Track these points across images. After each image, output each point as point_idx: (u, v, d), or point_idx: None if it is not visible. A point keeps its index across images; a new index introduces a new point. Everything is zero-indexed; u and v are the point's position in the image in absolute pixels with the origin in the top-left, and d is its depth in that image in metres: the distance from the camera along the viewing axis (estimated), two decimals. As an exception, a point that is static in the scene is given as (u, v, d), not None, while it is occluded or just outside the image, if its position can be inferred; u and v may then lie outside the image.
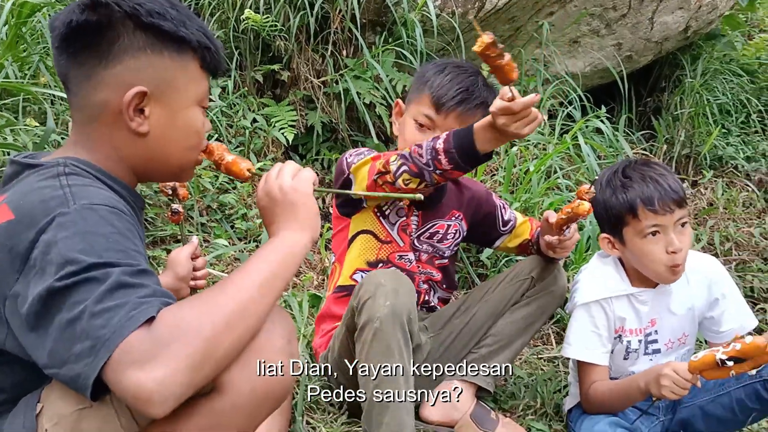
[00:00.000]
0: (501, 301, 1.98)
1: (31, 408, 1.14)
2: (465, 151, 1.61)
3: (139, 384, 0.98)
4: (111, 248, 1.06)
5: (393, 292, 1.60)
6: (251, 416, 1.16)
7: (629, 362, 1.95)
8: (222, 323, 1.05)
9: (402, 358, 1.60)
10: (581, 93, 3.33)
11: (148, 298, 1.03)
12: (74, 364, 1.00)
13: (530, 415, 2.07)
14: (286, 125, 2.95)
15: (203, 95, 1.28)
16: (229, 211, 2.74)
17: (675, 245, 1.80)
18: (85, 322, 1.00)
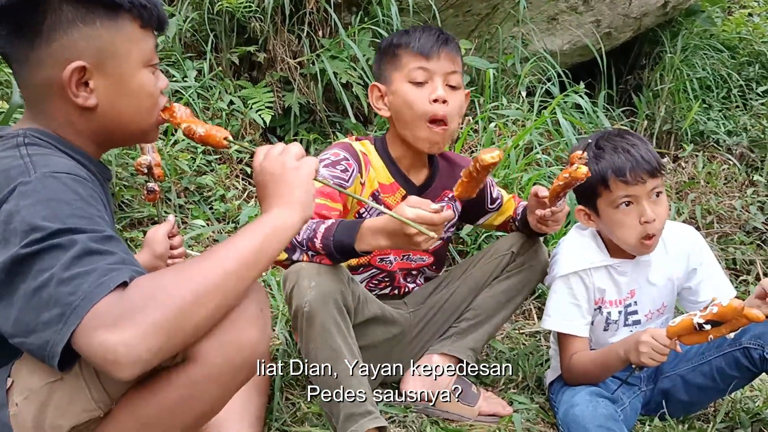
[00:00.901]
0: (482, 277, 1.97)
1: (2, 383, 1.13)
2: (342, 242, 1.52)
3: (107, 346, 0.97)
4: (75, 215, 1.04)
5: (316, 273, 1.56)
6: (224, 387, 1.15)
7: (609, 333, 1.95)
8: (198, 293, 1.03)
9: (341, 332, 1.57)
10: (560, 70, 3.32)
11: (118, 265, 1.02)
12: (42, 332, 0.99)
13: (512, 388, 2.07)
14: (263, 107, 2.92)
15: (149, 55, 1.24)
16: (207, 193, 2.71)
17: (648, 215, 1.79)
18: (53, 289, 0.99)
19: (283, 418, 1.72)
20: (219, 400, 1.17)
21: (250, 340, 1.13)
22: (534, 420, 1.92)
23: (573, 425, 1.72)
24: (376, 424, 1.55)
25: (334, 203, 1.68)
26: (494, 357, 2.22)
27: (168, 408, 1.12)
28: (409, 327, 1.95)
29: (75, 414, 1.10)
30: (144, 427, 1.13)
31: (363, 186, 1.82)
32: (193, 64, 3.02)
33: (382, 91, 1.86)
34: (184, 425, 1.16)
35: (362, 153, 1.84)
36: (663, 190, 1.85)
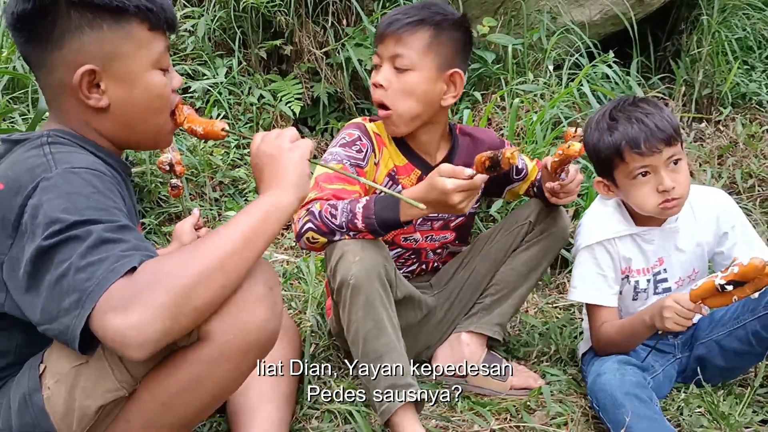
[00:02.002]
0: (501, 250, 1.96)
1: (35, 369, 1.21)
2: (385, 219, 1.59)
3: (118, 328, 1.03)
4: (92, 207, 1.11)
5: (360, 248, 1.60)
6: (237, 364, 1.20)
7: (639, 303, 1.94)
8: (201, 274, 1.09)
9: (384, 305, 1.60)
10: (588, 41, 3.27)
11: (130, 252, 1.08)
12: (64, 317, 1.06)
13: (545, 361, 2.08)
14: (292, 98, 2.99)
15: (158, 57, 1.29)
16: (241, 186, 2.79)
17: (666, 184, 1.76)
18: (71, 277, 1.06)
19: (314, 397, 1.77)
20: (234, 377, 1.23)
21: (259, 318, 1.18)
22: (566, 392, 1.93)
23: (600, 393, 1.72)
24: (415, 396, 1.57)
25: (352, 186, 1.71)
26: (526, 332, 2.23)
27: (185, 386, 1.18)
28: (435, 309, 1.97)
29: (101, 394, 1.17)
30: (165, 404, 1.20)
31: (377, 166, 1.83)
32: (223, 62, 3.10)
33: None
34: (203, 402, 1.22)
35: (375, 133, 1.84)
36: (683, 156, 1.82)
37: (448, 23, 1.80)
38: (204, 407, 1.25)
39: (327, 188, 1.68)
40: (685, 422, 1.78)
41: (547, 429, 1.74)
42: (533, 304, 2.40)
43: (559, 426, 1.77)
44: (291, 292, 2.24)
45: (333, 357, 1.95)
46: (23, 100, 2.50)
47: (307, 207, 1.64)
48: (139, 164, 2.48)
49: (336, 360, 1.94)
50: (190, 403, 1.21)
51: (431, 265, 2.01)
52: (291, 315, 2.10)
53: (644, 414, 1.63)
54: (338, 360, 1.94)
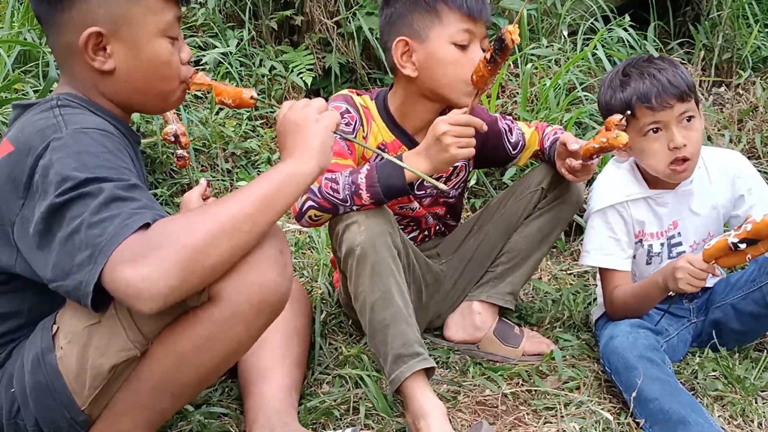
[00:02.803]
0: (513, 216, 1.93)
1: (48, 329, 1.23)
2: (392, 184, 1.57)
3: (129, 280, 1.05)
4: (102, 165, 1.13)
5: (365, 217, 1.58)
6: (248, 325, 1.22)
7: (653, 267, 1.91)
8: (214, 233, 1.10)
9: (392, 273, 1.58)
10: (604, 5, 3.21)
11: (142, 209, 1.10)
12: (76, 273, 1.08)
13: (558, 327, 2.07)
14: (304, 69, 2.97)
15: (166, 25, 1.29)
16: (254, 157, 2.79)
17: (677, 140, 1.73)
18: (83, 233, 1.07)
19: (325, 362, 1.78)
20: (245, 338, 1.24)
21: (270, 280, 1.19)
22: (578, 356, 1.92)
23: (612, 356, 1.71)
24: (425, 365, 1.55)
25: (344, 160, 1.68)
26: (540, 298, 2.21)
27: (197, 345, 1.20)
28: (444, 277, 1.94)
29: (114, 353, 1.19)
30: (177, 364, 1.21)
31: (365, 139, 1.77)
32: (234, 33, 3.09)
33: (411, 46, 1.71)
34: (214, 362, 1.24)
35: (362, 106, 1.78)
36: (697, 115, 1.78)
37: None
38: (215, 367, 1.26)
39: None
40: (699, 386, 1.77)
41: (559, 393, 1.74)
42: (547, 270, 2.39)
43: (572, 390, 1.76)
44: (303, 261, 2.24)
45: (344, 323, 1.95)
46: (34, 73, 2.51)
47: None
48: (150, 135, 2.48)
49: (346, 326, 1.95)
50: (202, 363, 1.23)
51: (433, 230, 1.98)
52: (303, 283, 2.10)
53: (656, 376, 1.62)
54: (348, 326, 1.95)
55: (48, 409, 1.22)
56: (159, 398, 1.25)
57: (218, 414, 1.59)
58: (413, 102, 1.79)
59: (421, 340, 1.60)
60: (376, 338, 1.59)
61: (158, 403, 1.26)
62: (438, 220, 1.98)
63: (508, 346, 1.91)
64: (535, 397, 1.73)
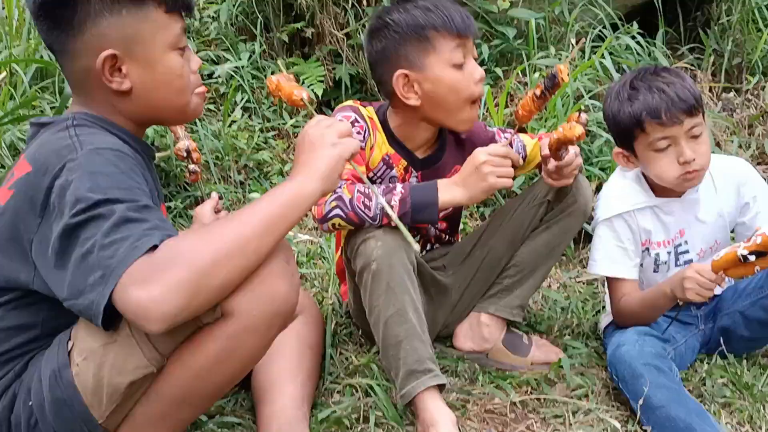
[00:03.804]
0: (519, 229, 1.91)
1: (64, 345, 1.26)
2: (423, 211, 1.62)
3: (138, 301, 1.08)
4: (115, 186, 1.16)
5: (382, 232, 1.61)
6: (261, 336, 1.25)
7: (660, 275, 1.93)
8: (221, 254, 1.13)
9: (407, 292, 1.60)
10: (612, 13, 3.22)
11: (151, 230, 1.13)
12: (89, 293, 1.12)
13: (567, 335, 2.08)
14: (315, 81, 3.01)
15: (175, 38, 1.32)
16: (266, 169, 2.83)
17: (686, 155, 1.74)
18: (96, 254, 1.11)
19: (336, 372, 1.81)
20: (258, 348, 1.28)
21: (280, 292, 1.23)
22: (587, 364, 1.94)
23: (620, 365, 1.72)
24: (436, 381, 1.57)
25: (359, 167, 1.68)
26: (548, 306, 2.23)
27: (212, 360, 1.23)
28: (451, 290, 1.95)
29: (130, 371, 1.22)
30: (194, 379, 1.25)
31: (372, 150, 1.80)
32: (246, 46, 3.14)
33: (411, 78, 1.72)
34: (230, 375, 1.28)
35: (369, 117, 1.81)
36: (704, 127, 1.79)
37: None
38: (231, 378, 1.30)
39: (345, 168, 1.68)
40: (707, 393, 1.78)
41: (568, 401, 1.76)
42: (555, 278, 2.40)
43: (580, 398, 1.78)
44: (314, 271, 2.28)
45: (354, 333, 1.98)
46: (51, 90, 2.57)
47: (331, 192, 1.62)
48: (164, 149, 2.53)
49: (357, 336, 1.98)
50: (218, 375, 1.26)
51: (433, 240, 1.99)
52: (314, 293, 2.13)
53: (663, 384, 1.63)
54: (359, 337, 1.98)
55: (66, 422, 1.25)
56: (177, 410, 1.29)
57: (232, 424, 1.62)
58: (413, 125, 1.83)
59: (433, 356, 1.62)
60: (388, 353, 1.62)
61: (177, 414, 1.30)
62: (438, 231, 2.00)
63: (517, 356, 1.93)
64: (544, 405, 1.75)
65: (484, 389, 1.81)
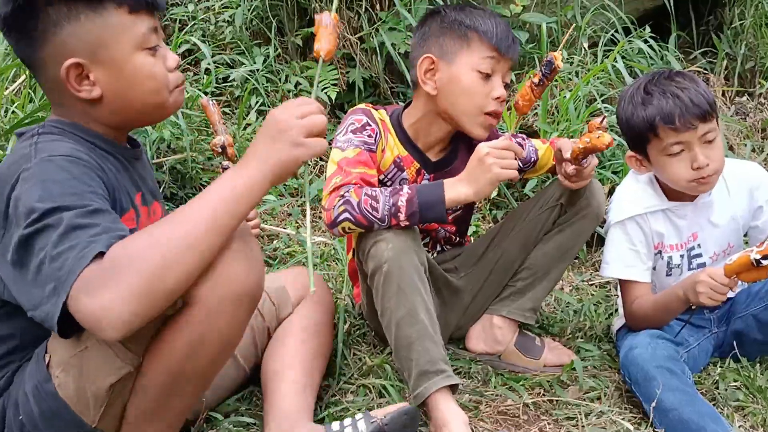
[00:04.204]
0: (532, 232, 1.93)
1: (41, 359, 1.27)
2: (431, 215, 1.63)
3: (90, 310, 1.07)
4: (65, 192, 1.15)
5: (393, 234, 1.62)
6: (229, 319, 1.23)
7: (673, 278, 1.93)
8: (171, 256, 1.10)
9: (418, 291, 1.61)
10: (624, 17, 3.23)
11: (98, 236, 1.11)
12: (45, 305, 1.12)
13: (579, 337, 2.09)
14: (328, 84, 3.03)
15: (141, 38, 1.28)
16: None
17: (700, 161, 1.74)
18: (48, 266, 1.10)
19: (349, 372, 1.83)
20: (229, 332, 1.25)
21: (238, 273, 1.20)
22: (599, 367, 1.95)
23: (632, 367, 1.73)
24: (449, 382, 1.58)
25: (371, 170, 1.73)
26: (561, 309, 2.24)
27: (185, 350, 1.23)
28: (463, 292, 1.96)
29: (108, 374, 1.23)
30: (173, 369, 1.25)
31: (384, 152, 1.82)
32: (261, 50, 3.17)
33: (436, 65, 1.78)
34: (208, 359, 1.27)
35: (381, 120, 1.83)
36: (717, 133, 1.79)
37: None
38: (212, 364, 1.29)
39: (353, 172, 1.69)
40: (720, 396, 1.78)
41: (580, 403, 1.77)
42: (568, 281, 2.41)
43: (593, 400, 1.79)
44: (328, 272, 2.30)
45: (368, 334, 2.00)
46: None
47: (340, 194, 1.63)
48: (180, 152, 2.56)
49: (370, 337, 1.99)
50: (196, 363, 1.25)
51: (442, 242, 2.01)
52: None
53: (675, 386, 1.64)
54: (372, 338, 1.99)
55: (60, 430, 1.26)
56: (167, 402, 1.29)
57: (246, 423, 1.63)
58: (429, 120, 1.85)
59: (446, 357, 1.63)
60: (401, 354, 1.63)
61: (168, 406, 1.30)
62: (447, 233, 2.01)
63: (530, 358, 1.94)
64: (557, 407, 1.76)
65: (497, 391, 1.82)
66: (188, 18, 3.32)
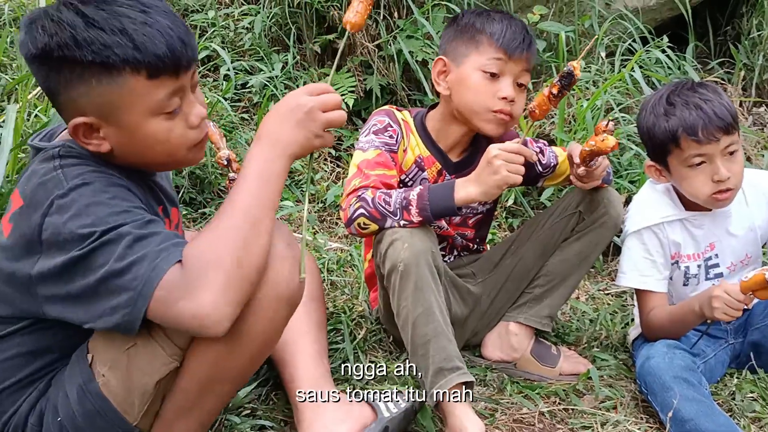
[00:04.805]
0: (550, 239, 1.94)
1: (84, 359, 1.28)
2: (441, 205, 1.66)
3: (192, 312, 1.12)
4: (114, 212, 1.17)
5: (409, 235, 1.65)
6: (272, 319, 1.27)
7: (690, 288, 1.93)
8: (240, 245, 1.16)
9: (433, 292, 1.64)
10: (642, 27, 3.23)
11: (164, 244, 1.15)
12: (110, 317, 1.15)
13: (595, 347, 2.09)
14: (346, 91, 3.05)
15: (158, 105, 1.22)
16: (297, 177, 2.88)
17: (721, 174, 1.74)
18: (114, 280, 1.14)
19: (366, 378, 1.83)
20: (270, 331, 1.29)
21: (284, 274, 1.25)
22: (615, 376, 1.95)
23: (649, 377, 1.73)
24: (464, 379, 1.60)
25: (390, 171, 1.77)
26: (577, 318, 2.24)
27: (228, 348, 1.26)
28: (480, 297, 1.97)
29: (156, 370, 1.26)
30: (212, 367, 1.28)
31: (405, 153, 1.86)
32: (279, 57, 3.20)
33: (448, 67, 1.85)
34: (247, 358, 1.30)
35: (403, 120, 1.87)
36: (739, 146, 1.79)
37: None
38: (250, 363, 1.32)
39: (372, 175, 1.74)
40: (737, 407, 1.78)
41: (596, 412, 1.77)
42: (584, 290, 2.41)
43: (608, 409, 1.79)
44: (344, 278, 2.31)
45: (384, 340, 2.01)
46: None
47: (357, 194, 1.69)
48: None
49: (386, 343, 2.00)
50: (236, 362, 1.29)
51: (458, 250, 2.02)
52: (344, 300, 2.17)
53: (692, 397, 1.64)
54: (389, 344, 2.00)
55: (101, 430, 1.28)
56: (202, 400, 1.32)
57: (263, 426, 1.65)
58: (447, 121, 1.89)
59: (460, 356, 1.65)
60: (417, 353, 1.65)
61: (204, 404, 1.33)
62: (464, 241, 2.02)
63: (546, 366, 1.94)
64: (572, 416, 1.77)
65: (513, 399, 1.82)
66: (208, 24, 3.35)
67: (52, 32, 1.16)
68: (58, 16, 1.17)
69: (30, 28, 1.19)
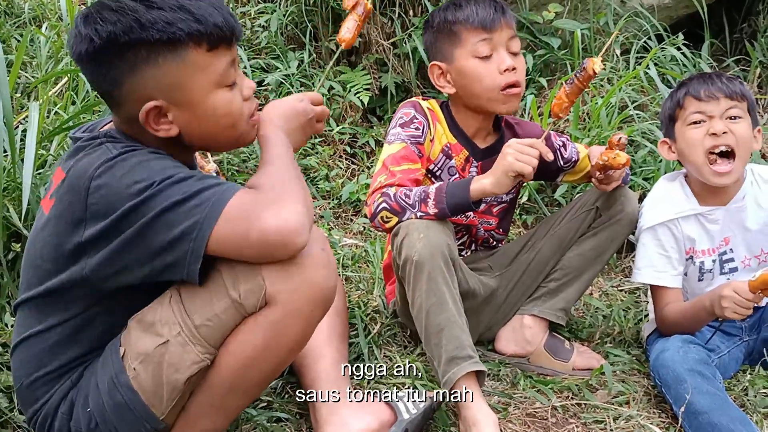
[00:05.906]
0: (567, 234, 1.97)
1: (116, 352, 1.31)
2: (456, 201, 1.71)
3: (276, 226, 1.18)
4: (168, 167, 1.22)
5: (425, 227, 1.69)
6: (305, 321, 1.31)
7: (705, 283, 1.94)
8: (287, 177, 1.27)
9: (446, 282, 1.67)
10: (657, 24, 3.23)
11: (222, 184, 1.21)
12: (172, 250, 1.19)
13: (608, 342, 2.10)
14: (361, 89, 3.07)
15: (219, 76, 1.27)
16: (313, 174, 2.91)
17: (717, 128, 1.79)
18: (176, 208, 1.17)
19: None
20: (303, 333, 1.33)
21: (319, 277, 1.28)
22: (628, 371, 1.96)
23: (662, 370, 1.74)
24: (476, 367, 1.63)
25: (415, 164, 1.82)
26: (590, 314, 2.25)
27: (259, 348, 1.29)
28: (497, 290, 1.99)
29: (187, 367, 1.28)
30: (242, 367, 1.30)
31: (432, 142, 1.90)
32: (295, 55, 3.23)
33: (443, 69, 1.89)
34: (277, 361, 1.34)
35: (429, 109, 1.91)
36: (745, 117, 1.83)
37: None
38: (280, 363, 1.36)
39: (396, 172, 1.79)
40: (749, 402, 1.78)
41: (609, 407, 1.78)
42: (598, 287, 2.42)
43: (621, 404, 1.80)
44: (359, 274, 2.33)
45: (398, 335, 2.03)
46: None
47: (381, 190, 1.75)
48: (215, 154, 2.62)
49: (401, 337, 2.02)
50: (267, 362, 1.32)
51: (480, 241, 2.04)
52: (359, 295, 2.19)
53: (706, 390, 1.65)
54: (404, 338, 2.02)
55: (128, 423, 1.31)
56: (231, 398, 1.34)
57: (279, 418, 1.67)
58: (463, 112, 1.94)
59: (473, 345, 1.68)
60: (431, 342, 1.68)
61: (231, 402, 1.35)
62: (487, 233, 2.04)
63: (559, 360, 1.96)
64: (585, 411, 1.78)
65: (526, 393, 1.84)
66: (225, 23, 3.38)
67: (114, 20, 1.20)
68: (117, 5, 1.22)
69: (88, 22, 1.22)
